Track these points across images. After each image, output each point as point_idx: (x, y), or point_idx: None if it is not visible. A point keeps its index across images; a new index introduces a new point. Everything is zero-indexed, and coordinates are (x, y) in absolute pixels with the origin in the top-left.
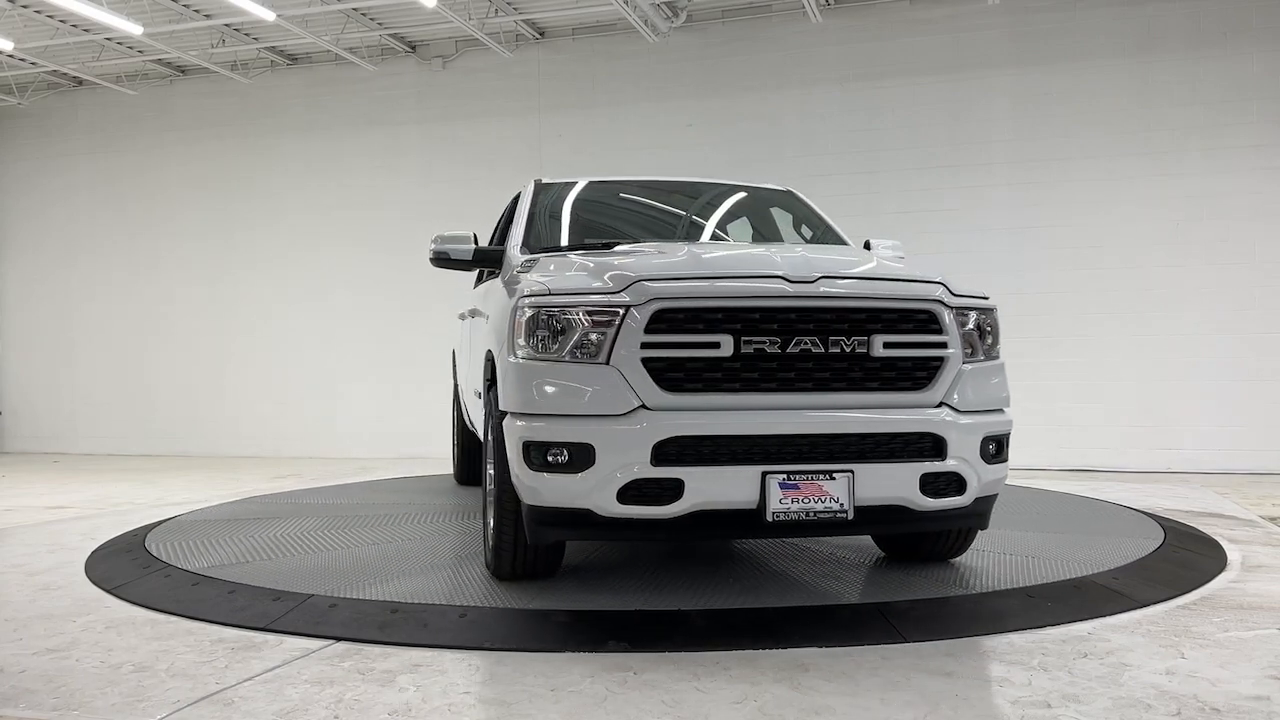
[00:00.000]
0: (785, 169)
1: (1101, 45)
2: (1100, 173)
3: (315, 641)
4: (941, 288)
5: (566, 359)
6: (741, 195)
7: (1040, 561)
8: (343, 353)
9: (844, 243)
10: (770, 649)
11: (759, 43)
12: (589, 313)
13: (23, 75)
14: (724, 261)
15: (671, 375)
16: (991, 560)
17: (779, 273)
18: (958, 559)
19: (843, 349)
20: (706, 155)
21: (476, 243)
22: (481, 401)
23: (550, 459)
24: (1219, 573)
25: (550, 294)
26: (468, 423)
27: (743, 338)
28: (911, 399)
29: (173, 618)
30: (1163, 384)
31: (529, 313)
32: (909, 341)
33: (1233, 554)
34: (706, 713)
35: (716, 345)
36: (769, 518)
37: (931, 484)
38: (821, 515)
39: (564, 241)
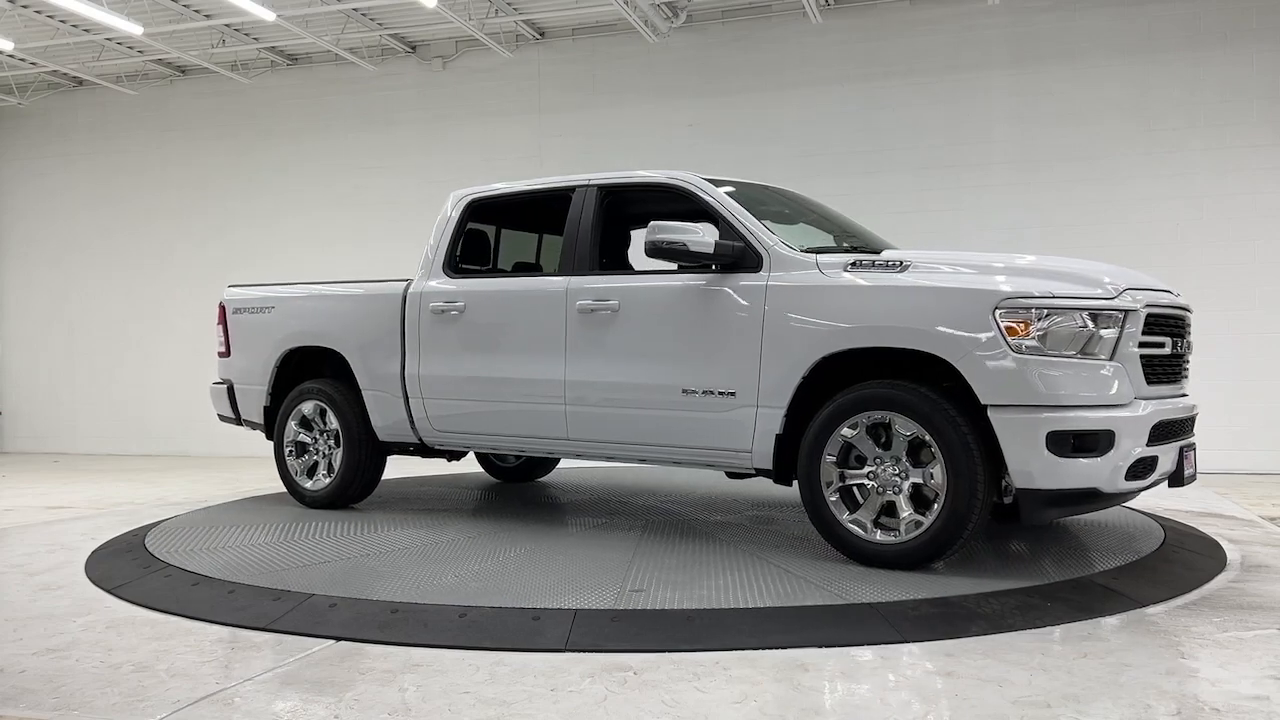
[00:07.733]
0: (785, 169)
1: (1101, 45)
2: (1100, 173)
3: (315, 641)
4: None
5: (1079, 356)
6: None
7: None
8: None
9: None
10: (770, 649)
11: (759, 43)
12: (1093, 315)
13: (23, 75)
14: (1144, 275)
15: (1147, 370)
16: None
17: (1166, 287)
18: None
19: (1185, 349)
20: (706, 155)
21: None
22: (771, 400)
23: (1074, 445)
24: (1219, 573)
25: (1055, 297)
26: (384, 431)
27: (1172, 339)
28: (1184, 389)
29: (173, 618)
30: None
31: (1043, 314)
32: (1189, 343)
33: (1233, 554)
34: (706, 713)
35: (1163, 345)
36: (1184, 479)
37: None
38: (1191, 478)
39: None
